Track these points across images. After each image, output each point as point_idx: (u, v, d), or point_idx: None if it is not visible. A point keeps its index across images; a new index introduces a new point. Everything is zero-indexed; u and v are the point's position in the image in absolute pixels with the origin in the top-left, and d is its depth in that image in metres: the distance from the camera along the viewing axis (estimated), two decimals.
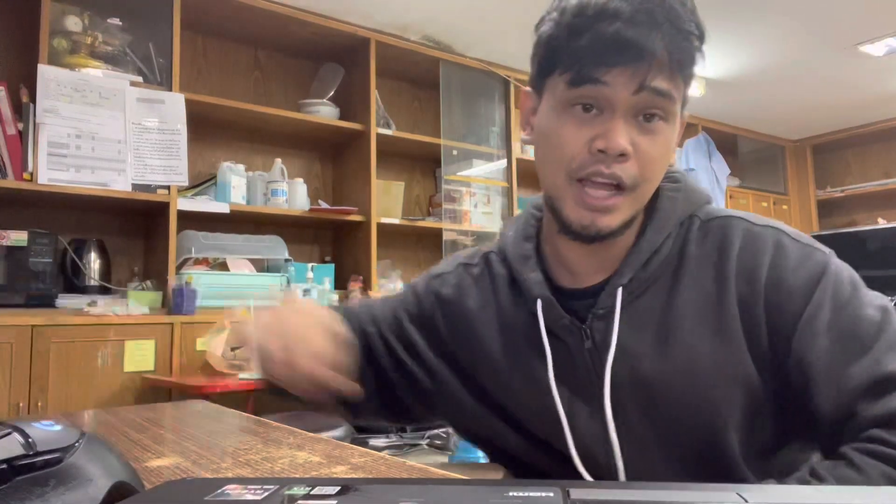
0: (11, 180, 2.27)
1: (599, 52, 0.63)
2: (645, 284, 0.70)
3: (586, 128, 0.66)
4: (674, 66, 0.65)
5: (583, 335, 0.70)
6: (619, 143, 0.64)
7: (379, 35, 3.22)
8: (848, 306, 0.64)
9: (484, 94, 3.71)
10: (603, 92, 0.64)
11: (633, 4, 0.63)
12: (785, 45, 3.55)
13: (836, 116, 4.85)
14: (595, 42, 0.63)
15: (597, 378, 0.70)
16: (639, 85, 0.63)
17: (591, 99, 0.65)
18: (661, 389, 0.67)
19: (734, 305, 0.66)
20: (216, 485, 0.37)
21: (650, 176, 0.68)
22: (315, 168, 3.40)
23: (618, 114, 0.65)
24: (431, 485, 0.36)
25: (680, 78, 0.67)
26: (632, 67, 0.63)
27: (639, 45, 0.62)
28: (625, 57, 0.63)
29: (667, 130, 0.67)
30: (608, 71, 0.63)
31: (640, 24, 0.63)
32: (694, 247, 0.70)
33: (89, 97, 2.43)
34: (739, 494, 0.32)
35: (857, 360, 0.61)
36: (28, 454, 0.37)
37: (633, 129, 0.65)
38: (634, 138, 0.65)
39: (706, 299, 0.67)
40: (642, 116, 0.66)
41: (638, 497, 0.33)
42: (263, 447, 0.71)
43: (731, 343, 0.66)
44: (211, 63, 3.11)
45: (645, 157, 0.66)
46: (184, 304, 2.47)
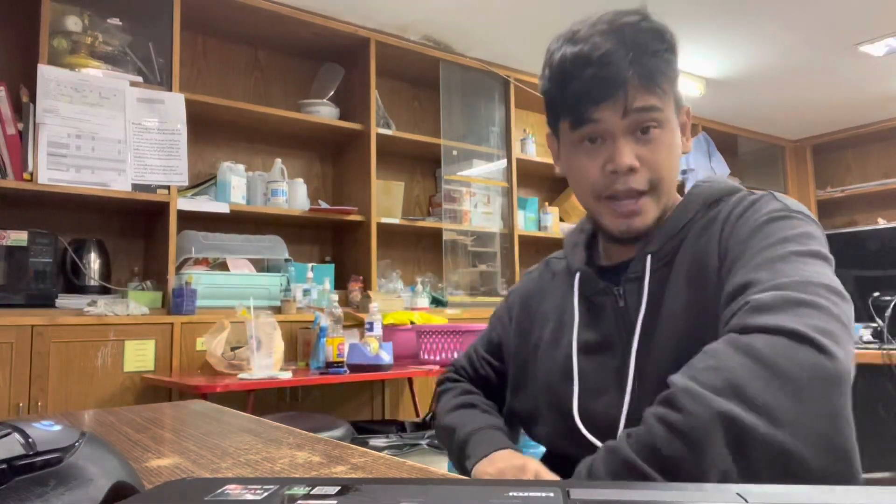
0: (11, 180, 2.27)
1: (585, 96, 0.77)
2: (666, 259, 0.80)
3: (596, 156, 0.79)
4: (647, 83, 0.76)
5: (616, 296, 0.82)
6: (623, 161, 0.77)
7: (379, 35, 3.22)
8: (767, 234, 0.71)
9: (484, 94, 3.71)
10: (599, 126, 0.78)
11: (601, 47, 0.76)
12: (785, 45, 3.55)
13: (836, 116, 4.85)
14: (579, 89, 0.77)
15: (626, 334, 0.80)
16: (624, 110, 0.76)
17: (592, 133, 0.79)
18: (674, 344, 0.75)
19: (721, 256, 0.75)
20: (216, 485, 0.37)
21: (662, 175, 0.79)
22: (315, 168, 3.40)
23: (618, 138, 0.77)
24: (431, 485, 0.36)
25: (658, 89, 0.77)
26: (613, 98, 0.76)
27: (614, 80, 0.75)
28: (605, 93, 0.76)
29: (664, 134, 0.79)
30: (596, 109, 0.77)
31: (610, 62, 0.75)
32: (709, 220, 0.79)
33: (89, 97, 2.43)
34: (739, 494, 0.32)
35: (737, 271, 0.69)
36: (28, 454, 0.37)
37: (635, 145, 0.78)
38: (638, 151, 0.77)
39: (713, 258, 0.75)
40: (639, 131, 0.78)
41: (638, 497, 0.33)
42: (263, 447, 0.71)
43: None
44: (211, 63, 3.11)
45: (651, 163, 0.78)
46: (184, 304, 2.47)
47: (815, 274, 0.66)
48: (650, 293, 0.79)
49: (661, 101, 0.77)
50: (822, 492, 0.34)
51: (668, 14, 3.33)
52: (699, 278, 0.76)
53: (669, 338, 0.76)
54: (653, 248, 0.80)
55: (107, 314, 2.32)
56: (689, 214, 0.81)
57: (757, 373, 0.58)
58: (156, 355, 2.40)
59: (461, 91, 3.61)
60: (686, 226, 0.80)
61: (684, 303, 0.76)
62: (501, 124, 3.73)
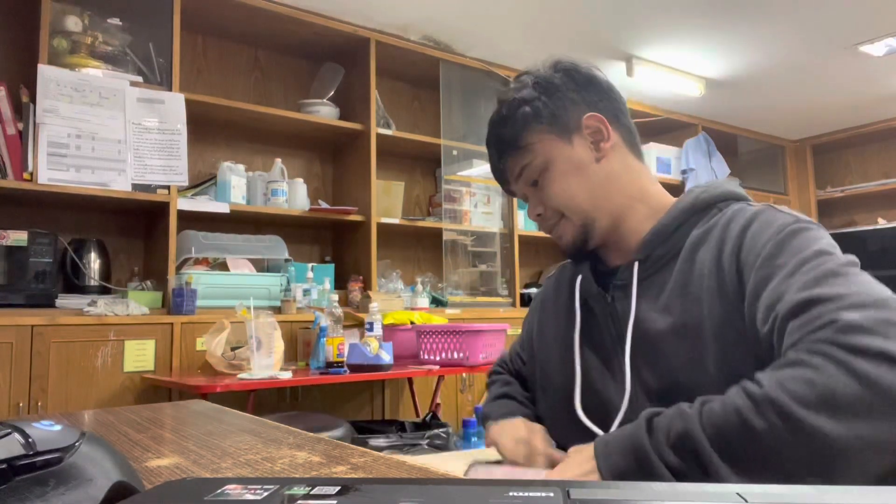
0: (11, 180, 2.27)
1: (500, 183, 1.02)
2: (661, 262, 0.85)
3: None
4: (513, 152, 0.94)
5: (606, 301, 0.89)
6: (530, 216, 0.97)
7: (379, 35, 3.22)
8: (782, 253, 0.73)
9: (484, 94, 3.71)
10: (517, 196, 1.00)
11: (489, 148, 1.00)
12: (785, 45, 3.55)
13: (836, 116, 4.85)
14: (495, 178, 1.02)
15: (618, 338, 0.86)
16: (511, 183, 0.98)
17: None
18: (668, 345, 0.80)
19: (728, 271, 0.78)
20: (216, 485, 0.37)
21: (563, 205, 0.92)
22: (315, 168, 3.40)
23: (526, 197, 0.97)
24: (431, 485, 0.36)
25: (520, 149, 0.93)
26: (503, 181, 1.00)
27: (495, 169, 1.01)
28: (500, 181, 1.01)
29: (550, 174, 0.92)
30: (504, 188, 1.01)
31: (491, 155, 1.00)
32: (705, 231, 0.84)
33: (89, 97, 2.43)
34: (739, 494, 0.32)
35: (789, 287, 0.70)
36: (28, 454, 0.37)
37: (534, 194, 0.94)
38: (539, 198, 0.94)
39: (710, 269, 0.80)
40: (531, 184, 0.94)
41: (638, 497, 0.33)
42: (263, 447, 0.71)
43: (728, 302, 0.77)
44: (211, 63, 3.11)
45: (548, 202, 0.93)
46: (184, 304, 2.47)
47: (876, 287, 0.68)
48: (639, 298, 0.85)
49: (530, 155, 0.92)
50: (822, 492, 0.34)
51: (669, 14, 3.30)
52: (694, 288, 0.80)
53: (661, 343, 0.81)
54: (640, 256, 0.87)
55: (107, 314, 2.32)
56: (672, 223, 0.86)
57: (860, 395, 0.59)
58: (156, 355, 2.40)
59: (461, 91, 3.61)
60: (676, 232, 0.86)
61: (677, 314, 0.81)
62: None
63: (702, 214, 0.86)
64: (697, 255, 0.82)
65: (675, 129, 4.69)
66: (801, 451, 0.59)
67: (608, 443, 0.73)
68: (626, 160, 0.93)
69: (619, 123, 0.94)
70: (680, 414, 0.68)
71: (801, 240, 0.74)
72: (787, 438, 0.60)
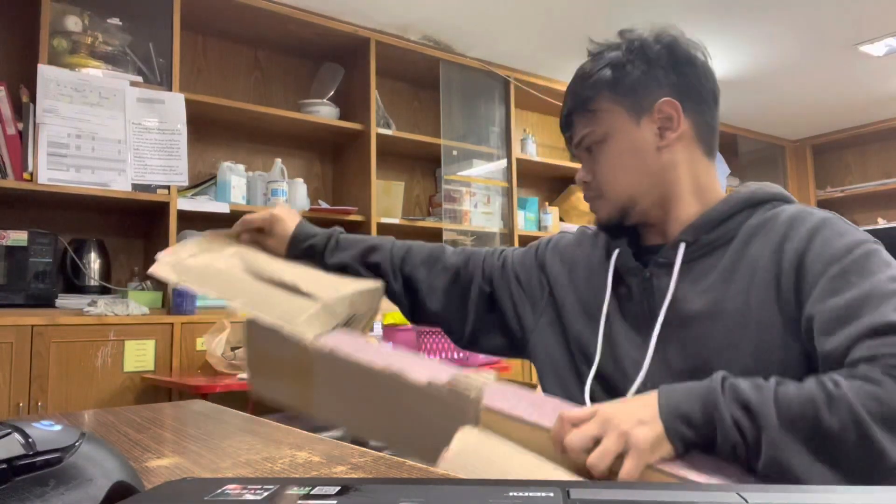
0: (11, 180, 2.27)
1: (563, 135, 0.99)
2: (707, 249, 0.85)
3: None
4: (584, 112, 0.92)
5: (643, 278, 0.88)
6: (577, 178, 0.97)
7: (379, 35, 3.22)
8: (861, 271, 0.74)
9: (484, 94, 3.71)
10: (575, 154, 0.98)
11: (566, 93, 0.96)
12: (785, 45, 3.55)
13: (836, 116, 4.85)
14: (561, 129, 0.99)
15: (650, 314, 0.87)
16: (573, 142, 0.95)
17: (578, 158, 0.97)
18: (703, 327, 0.81)
19: (786, 268, 0.78)
20: (216, 485, 0.37)
21: (606, 183, 0.92)
22: (315, 168, 3.40)
23: (581, 159, 0.95)
24: (431, 485, 0.36)
25: (593, 113, 0.91)
26: (567, 135, 0.97)
27: (563, 119, 0.96)
28: (563, 131, 0.97)
29: (609, 146, 0.91)
30: (567, 144, 0.98)
31: (565, 101, 0.95)
32: (760, 232, 0.84)
33: (89, 97, 2.43)
34: (739, 494, 0.32)
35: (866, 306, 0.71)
36: (28, 454, 0.37)
37: (588, 161, 0.94)
38: (590, 166, 0.93)
39: (766, 262, 0.80)
40: (587, 151, 0.93)
41: (638, 497, 0.33)
42: (263, 447, 0.71)
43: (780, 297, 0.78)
44: (211, 63, 3.11)
45: (596, 174, 0.93)
46: (184, 304, 2.47)
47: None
48: (680, 277, 0.84)
49: (596, 122, 0.91)
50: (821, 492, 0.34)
51: (669, 14, 3.30)
52: (743, 276, 0.81)
53: (696, 324, 0.82)
54: (688, 238, 0.86)
55: (107, 314, 2.32)
56: (728, 212, 0.86)
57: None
58: (156, 355, 2.40)
59: (461, 91, 3.61)
60: (729, 220, 0.86)
61: (720, 298, 0.81)
62: (501, 124, 3.73)
63: (757, 208, 0.86)
64: (751, 245, 0.82)
65: None
66: (860, 458, 0.63)
67: (674, 388, 0.72)
68: (692, 154, 0.91)
69: (699, 115, 0.91)
70: (755, 384, 0.69)
71: (877, 261, 0.75)
72: (853, 442, 0.63)
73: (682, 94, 0.89)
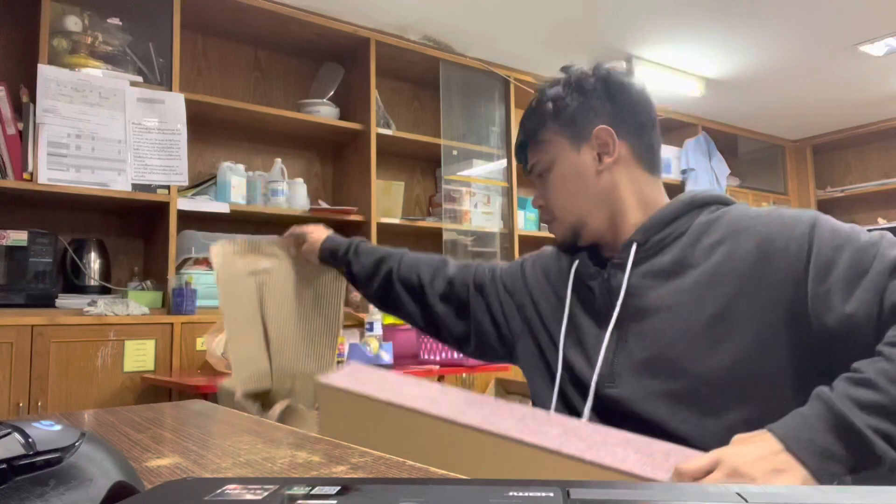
0: (11, 180, 2.27)
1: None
2: (658, 247, 0.92)
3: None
4: (532, 145, 1.02)
5: (603, 276, 0.96)
6: (533, 204, 1.07)
7: (379, 35, 3.22)
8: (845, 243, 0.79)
9: (484, 94, 3.71)
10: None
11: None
12: (785, 45, 3.55)
13: (836, 116, 4.85)
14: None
15: (609, 310, 0.93)
16: (527, 171, 1.06)
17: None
18: (660, 316, 0.87)
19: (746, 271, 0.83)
20: (216, 485, 0.37)
21: (554, 205, 1.01)
22: (315, 168, 3.40)
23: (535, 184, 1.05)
24: (431, 485, 0.36)
25: (540, 143, 1.00)
26: (522, 166, 1.07)
27: (519, 151, 1.06)
28: (520, 160, 1.07)
29: (552, 175, 1.00)
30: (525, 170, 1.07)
31: (518, 135, 1.05)
32: (708, 229, 0.90)
33: (89, 97, 2.43)
34: (739, 494, 0.32)
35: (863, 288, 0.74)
36: (28, 454, 0.37)
37: (540, 187, 1.03)
38: (543, 193, 1.03)
39: (721, 267, 0.85)
40: (540, 179, 1.03)
41: (638, 497, 0.33)
42: (263, 447, 0.71)
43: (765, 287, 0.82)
44: (211, 63, 3.11)
45: (548, 198, 1.02)
46: (184, 304, 2.47)
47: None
48: (634, 272, 0.92)
49: (541, 152, 1.00)
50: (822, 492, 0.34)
51: (669, 14, 3.30)
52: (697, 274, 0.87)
53: (653, 314, 0.89)
54: (638, 238, 0.93)
55: (107, 314, 2.32)
56: (673, 213, 0.94)
57: None
58: (156, 355, 2.40)
59: (461, 91, 3.61)
60: (676, 221, 0.93)
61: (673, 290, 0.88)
62: (501, 124, 3.73)
63: (702, 209, 0.93)
64: (701, 241, 0.89)
65: (675, 128, 4.69)
66: None
67: (788, 426, 0.68)
68: (632, 173, 0.97)
69: (636, 138, 0.98)
70: (856, 380, 0.67)
71: (831, 224, 0.82)
72: None
73: (618, 120, 0.97)
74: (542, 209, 1.04)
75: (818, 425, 0.65)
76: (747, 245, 0.84)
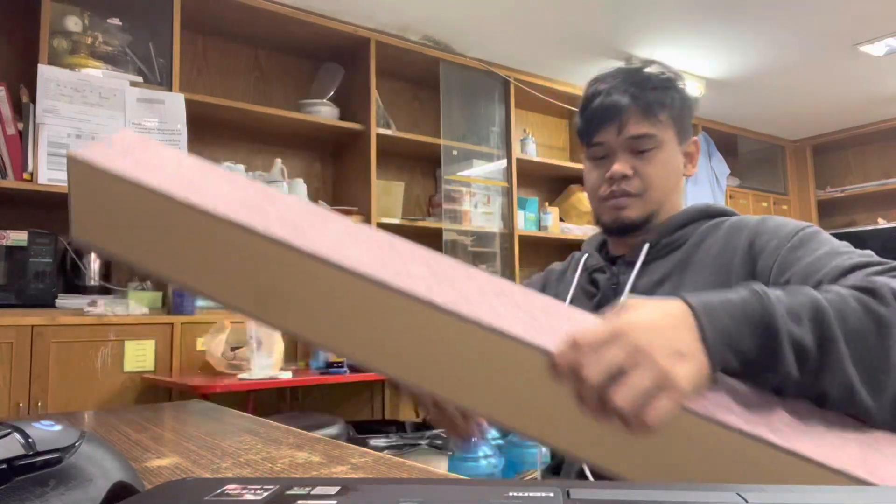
0: (11, 180, 2.27)
1: (591, 123, 1.00)
2: (666, 250, 0.97)
3: (600, 169, 1.01)
4: (647, 114, 0.96)
5: (612, 272, 1.00)
6: (616, 169, 0.98)
7: (379, 35, 3.22)
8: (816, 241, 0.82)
9: (484, 94, 3.71)
10: (601, 148, 1.00)
11: (610, 84, 0.99)
12: (785, 45, 3.55)
13: (836, 116, 4.85)
14: (588, 118, 1.00)
15: (612, 304, 0.93)
16: (619, 131, 0.97)
17: (596, 153, 1.01)
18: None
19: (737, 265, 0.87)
20: (216, 485, 0.37)
21: (650, 185, 0.98)
22: (315, 168, 3.40)
23: (617, 153, 0.98)
24: (431, 485, 0.36)
25: (655, 119, 0.97)
26: (610, 122, 0.97)
27: (613, 108, 0.97)
28: (605, 119, 0.98)
29: (659, 155, 0.98)
30: (598, 133, 0.99)
31: (612, 94, 0.97)
32: (711, 233, 0.95)
33: (89, 97, 2.43)
34: (739, 494, 0.32)
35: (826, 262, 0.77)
36: (28, 454, 0.37)
37: (632, 159, 0.98)
38: (634, 164, 0.98)
39: (718, 250, 0.91)
40: (637, 151, 0.97)
41: (638, 497, 0.33)
42: (263, 447, 0.71)
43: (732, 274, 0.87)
44: (211, 63, 3.11)
45: (642, 174, 0.98)
46: (184, 304, 2.47)
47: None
48: (641, 271, 0.97)
49: (656, 129, 0.97)
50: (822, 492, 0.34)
51: (669, 14, 3.29)
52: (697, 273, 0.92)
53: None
54: (650, 239, 0.98)
55: (107, 314, 2.32)
56: (686, 220, 0.98)
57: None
58: (156, 355, 2.40)
59: (461, 91, 3.61)
60: (684, 228, 0.98)
61: (675, 289, 0.92)
62: (501, 124, 3.73)
63: (710, 219, 0.98)
64: (700, 246, 0.94)
65: None
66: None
67: (712, 305, 0.59)
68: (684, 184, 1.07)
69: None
70: (795, 289, 0.63)
71: (824, 236, 0.85)
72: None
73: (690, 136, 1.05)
74: (624, 180, 0.98)
75: (738, 314, 0.59)
76: (741, 243, 0.89)
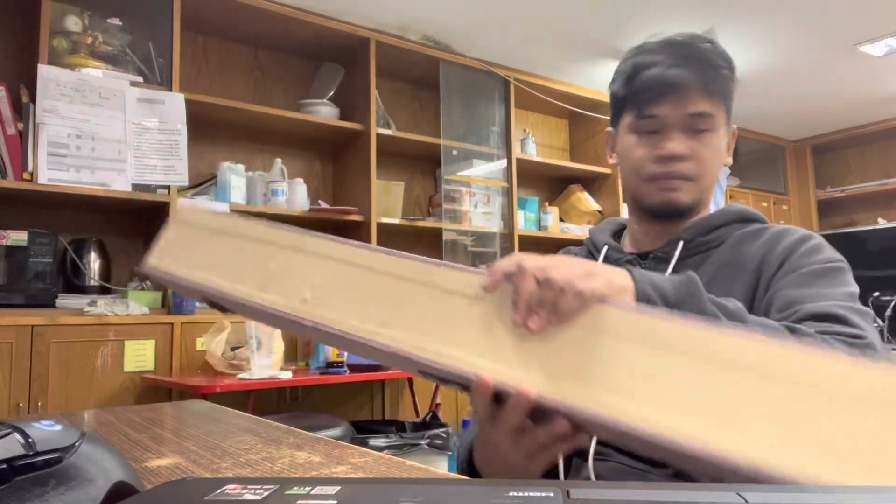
0: (11, 180, 2.27)
1: (649, 93, 0.89)
2: (699, 250, 0.92)
3: (650, 146, 0.92)
4: (708, 92, 0.88)
5: (640, 266, 0.93)
6: (670, 148, 0.89)
7: (379, 35, 3.22)
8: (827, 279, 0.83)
9: (484, 94, 3.71)
10: (656, 121, 0.90)
11: (670, 56, 0.89)
12: (785, 45, 3.55)
13: (836, 116, 4.85)
14: (645, 87, 0.90)
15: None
16: (679, 107, 0.89)
17: (650, 126, 0.91)
18: None
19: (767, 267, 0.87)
20: (216, 485, 0.37)
21: (705, 170, 0.91)
22: (315, 168, 3.40)
23: (671, 130, 0.90)
24: (431, 485, 0.36)
25: (717, 99, 0.89)
26: (673, 98, 0.88)
27: (676, 82, 0.88)
28: (666, 92, 0.88)
29: (714, 138, 0.91)
30: (657, 105, 0.89)
31: (677, 66, 0.88)
32: (752, 233, 0.92)
33: (89, 97, 2.43)
34: (739, 494, 0.32)
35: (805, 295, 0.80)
36: (28, 454, 0.37)
37: (686, 140, 0.90)
38: (690, 145, 0.90)
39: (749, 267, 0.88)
40: (692, 131, 0.89)
41: (638, 497, 0.33)
42: (263, 447, 0.71)
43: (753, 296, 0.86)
44: (211, 63, 3.11)
45: (699, 156, 0.90)
46: (184, 304, 2.48)
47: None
48: (673, 271, 0.91)
49: (715, 108, 0.90)
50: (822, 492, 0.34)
51: (668, 14, 3.30)
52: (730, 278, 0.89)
53: None
54: (686, 237, 0.92)
55: (107, 314, 2.32)
56: (722, 220, 0.94)
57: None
58: (156, 355, 2.40)
59: (461, 91, 3.61)
60: (720, 229, 0.93)
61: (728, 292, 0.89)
62: (501, 124, 3.73)
63: (746, 224, 0.94)
64: (737, 250, 0.90)
65: None
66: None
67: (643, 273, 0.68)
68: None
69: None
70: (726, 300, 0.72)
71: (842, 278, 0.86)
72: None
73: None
74: (680, 159, 0.90)
75: (665, 278, 0.68)
76: (777, 248, 0.89)
